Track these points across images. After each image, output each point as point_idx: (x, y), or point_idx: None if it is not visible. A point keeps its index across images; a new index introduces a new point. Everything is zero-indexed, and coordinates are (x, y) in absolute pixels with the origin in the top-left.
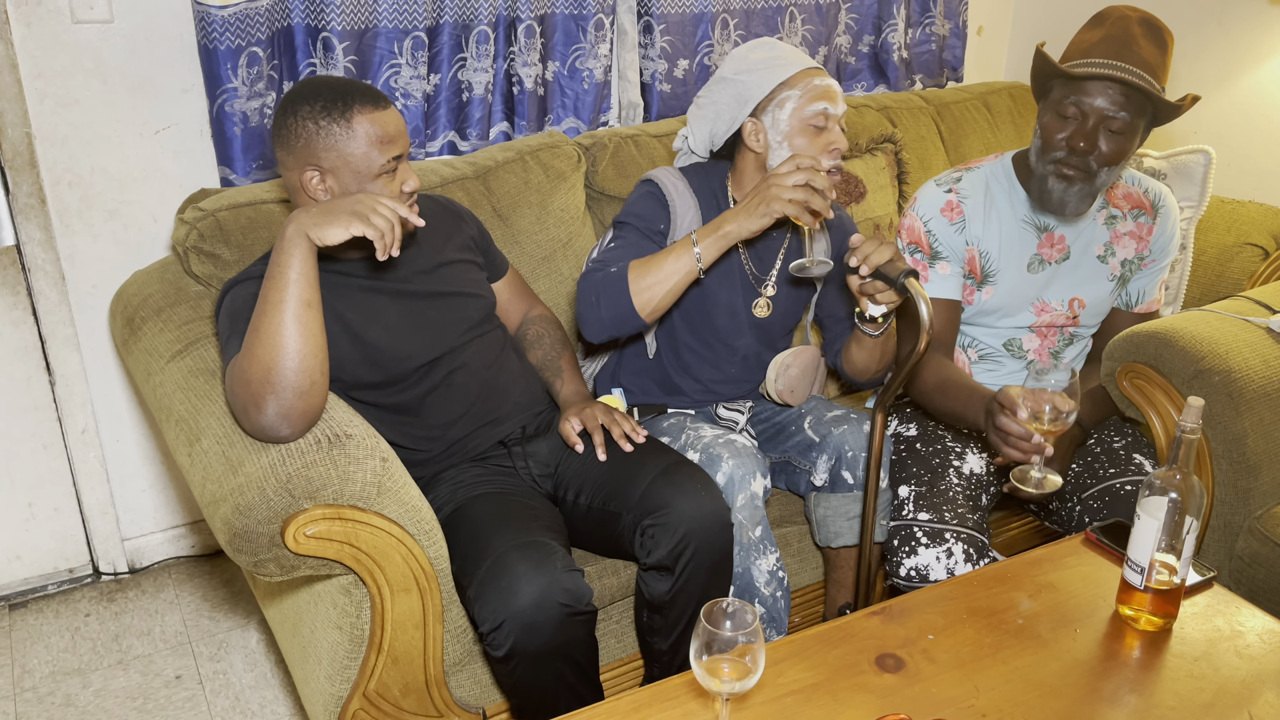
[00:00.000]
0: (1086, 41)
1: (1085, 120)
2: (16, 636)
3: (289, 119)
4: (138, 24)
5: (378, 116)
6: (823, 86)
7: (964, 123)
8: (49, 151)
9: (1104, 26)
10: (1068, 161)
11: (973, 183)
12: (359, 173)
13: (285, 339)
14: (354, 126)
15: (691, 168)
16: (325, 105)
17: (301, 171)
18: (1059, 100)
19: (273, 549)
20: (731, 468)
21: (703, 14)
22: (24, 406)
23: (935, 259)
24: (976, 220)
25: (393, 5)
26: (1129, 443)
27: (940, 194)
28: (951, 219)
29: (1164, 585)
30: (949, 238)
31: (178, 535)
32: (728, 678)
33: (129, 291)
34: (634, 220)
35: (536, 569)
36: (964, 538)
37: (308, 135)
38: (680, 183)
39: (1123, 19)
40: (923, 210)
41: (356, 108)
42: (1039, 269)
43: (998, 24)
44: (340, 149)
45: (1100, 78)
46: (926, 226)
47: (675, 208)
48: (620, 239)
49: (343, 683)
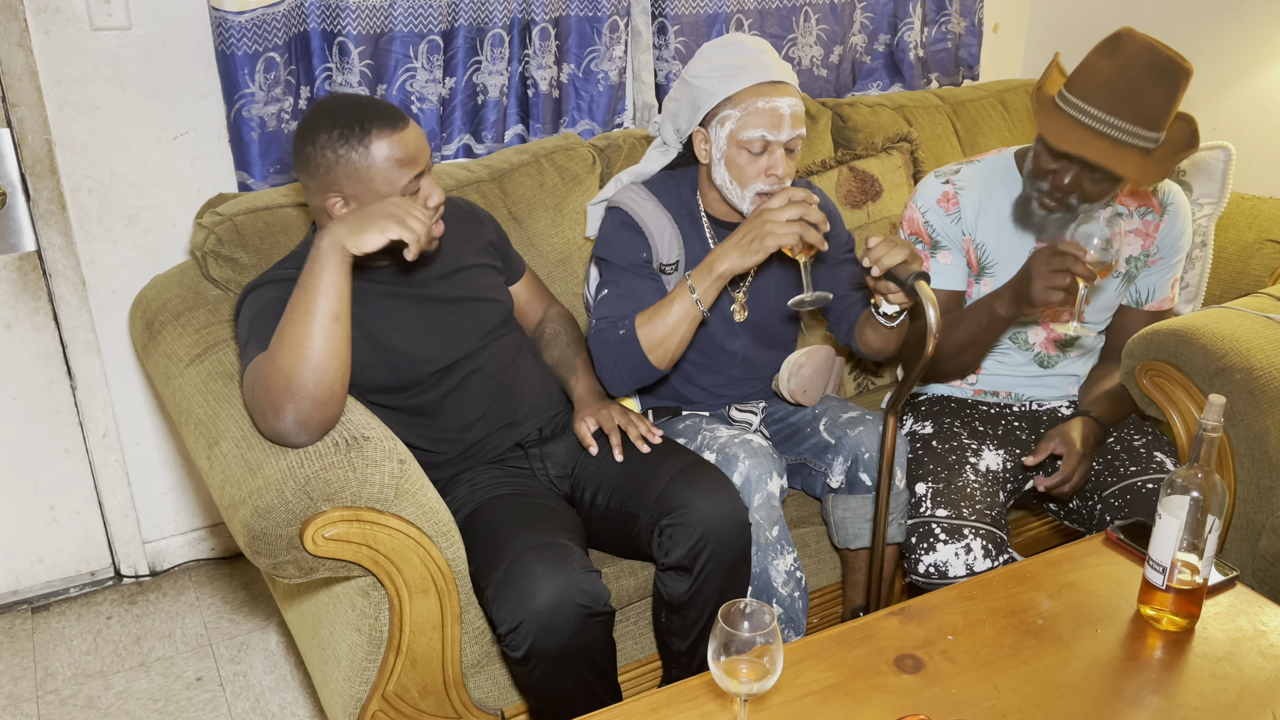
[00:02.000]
0: (1094, 76)
1: (1071, 166)
2: (39, 639)
3: (307, 147)
4: (155, 31)
5: (396, 139)
6: (766, 110)
7: (980, 121)
8: (69, 158)
9: (1115, 62)
10: (1051, 195)
11: (972, 175)
12: (382, 195)
13: (309, 350)
14: (372, 152)
15: (658, 179)
16: (342, 133)
17: (325, 197)
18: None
19: (291, 551)
20: (748, 468)
21: (717, 14)
22: (46, 410)
23: (936, 249)
24: (971, 212)
25: (408, 9)
26: (1149, 441)
27: (937, 185)
28: (947, 209)
29: (1186, 585)
30: (946, 228)
31: (198, 538)
32: (746, 679)
33: (148, 296)
34: (616, 259)
35: (554, 570)
36: (982, 533)
37: (327, 164)
38: (649, 203)
39: (1132, 62)
40: (920, 201)
41: (374, 132)
42: None
43: (1014, 21)
44: (361, 175)
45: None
46: (925, 217)
47: (650, 231)
48: (612, 284)
49: (362, 684)
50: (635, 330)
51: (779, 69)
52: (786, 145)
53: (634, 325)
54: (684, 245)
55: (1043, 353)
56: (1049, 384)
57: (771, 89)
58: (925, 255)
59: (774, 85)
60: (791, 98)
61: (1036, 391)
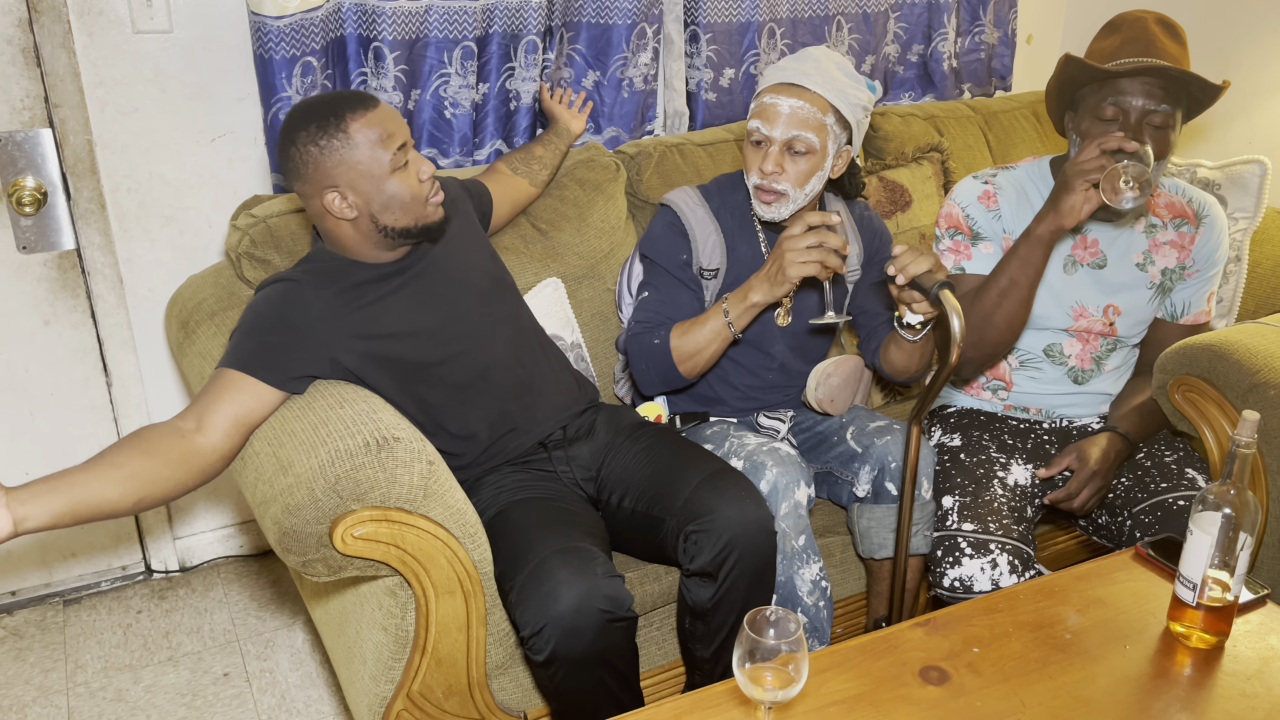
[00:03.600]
0: (1106, 48)
1: (1127, 118)
2: (70, 632)
3: (291, 150)
4: (196, 34)
5: (370, 118)
6: (765, 105)
7: (1012, 132)
8: (109, 158)
9: (1121, 31)
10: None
11: (1008, 179)
12: (374, 176)
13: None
14: (352, 135)
15: (716, 184)
16: (319, 125)
17: (321, 195)
18: (1096, 104)
19: (320, 549)
20: (775, 475)
21: (749, 23)
22: (81, 406)
23: (977, 239)
24: (1009, 212)
25: (443, 16)
26: (1181, 457)
27: (977, 184)
28: (988, 206)
29: (1217, 602)
30: (987, 222)
31: (227, 535)
32: (770, 686)
33: (184, 295)
34: (659, 258)
35: (577, 574)
36: (1009, 549)
37: (314, 160)
38: (700, 208)
39: (1138, 20)
40: (960, 198)
41: (348, 117)
42: (1074, 270)
43: (1047, 33)
44: (348, 161)
45: (1138, 71)
46: (965, 211)
47: (695, 235)
48: (652, 287)
49: (387, 683)
50: (669, 341)
51: (810, 73)
52: (787, 144)
53: (669, 337)
54: (728, 253)
55: (1078, 366)
56: (1081, 402)
57: (784, 89)
58: (965, 246)
59: (787, 86)
60: (797, 99)
61: (1069, 409)
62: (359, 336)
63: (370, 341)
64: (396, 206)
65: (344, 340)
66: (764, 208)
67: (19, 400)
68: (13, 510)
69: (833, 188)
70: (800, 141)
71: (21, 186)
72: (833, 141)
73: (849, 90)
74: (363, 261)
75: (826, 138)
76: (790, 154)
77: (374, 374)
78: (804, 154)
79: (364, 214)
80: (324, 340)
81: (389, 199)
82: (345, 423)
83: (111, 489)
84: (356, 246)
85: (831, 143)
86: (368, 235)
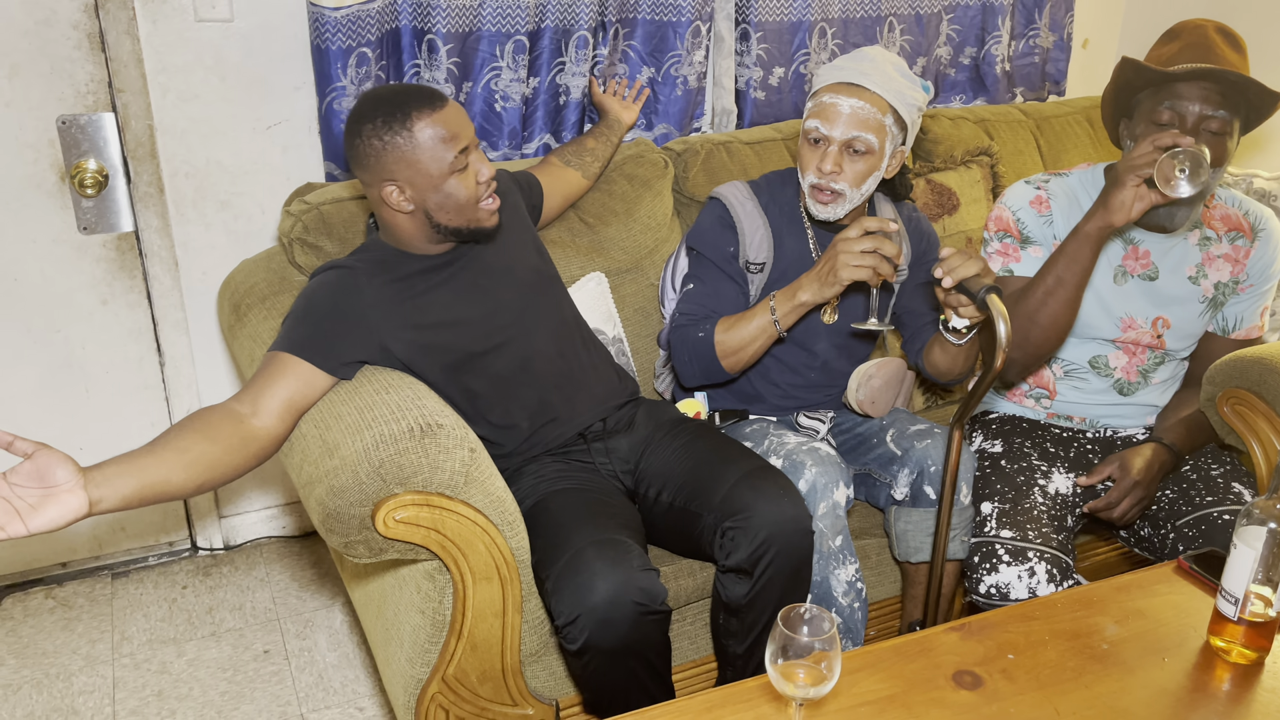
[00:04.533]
0: (1165, 54)
1: (1183, 122)
2: (117, 604)
3: (356, 140)
4: (255, 24)
5: (437, 117)
6: (825, 105)
7: (1064, 137)
8: (169, 143)
9: (1180, 38)
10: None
11: (1061, 186)
12: (432, 176)
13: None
14: (416, 134)
15: (765, 180)
16: (385, 119)
17: (380, 187)
18: (1152, 109)
19: (363, 531)
20: (814, 475)
21: (800, 22)
22: (135, 385)
23: (1026, 243)
24: (1061, 218)
25: (496, 9)
26: (1227, 471)
27: (1029, 189)
28: (1040, 211)
29: (1259, 617)
30: (1038, 227)
31: (271, 515)
32: (803, 683)
33: (237, 279)
34: (706, 250)
35: (613, 566)
36: (1047, 557)
37: (376, 153)
38: (749, 202)
39: (1198, 28)
40: (1011, 202)
41: (415, 114)
42: (1124, 280)
43: (1104, 37)
44: (409, 158)
45: (1196, 74)
46: (1016, 215)
47: (743, 228)
48: (698, 280)
49: (423, 665)
50: (714, 335)
51: (869, 73)
52: (847, 144)
53: (714, 330)
54: (775, 248)
55: (1123, 379)
56: (1126, 413)
57: (844, 89)
58: (1015, 249)
59: (847, 86)
60: (857, 99)
61: (1113, 420)
62: (408, 326)
63: (418, 331)
64: (451, 206)
65: (394, 329)
66: (820, 207)
67: (76, 377)
68: (89, 492)
69: (883, 188)
70: (860, 141)
71: (84, 169)
72: (890, 142)
73: (906, 91)
74: (414, 253)
75: (885, 138)
76: (849, 154)
77: (421, 362)
78: (863, 154)
79: (419, 209)
80: (375, 328)
81: (445, 198)
82: (391, 408)
83: (177, 474)
84: (409, 238)
85: (889, 143)
86: (421, 229)
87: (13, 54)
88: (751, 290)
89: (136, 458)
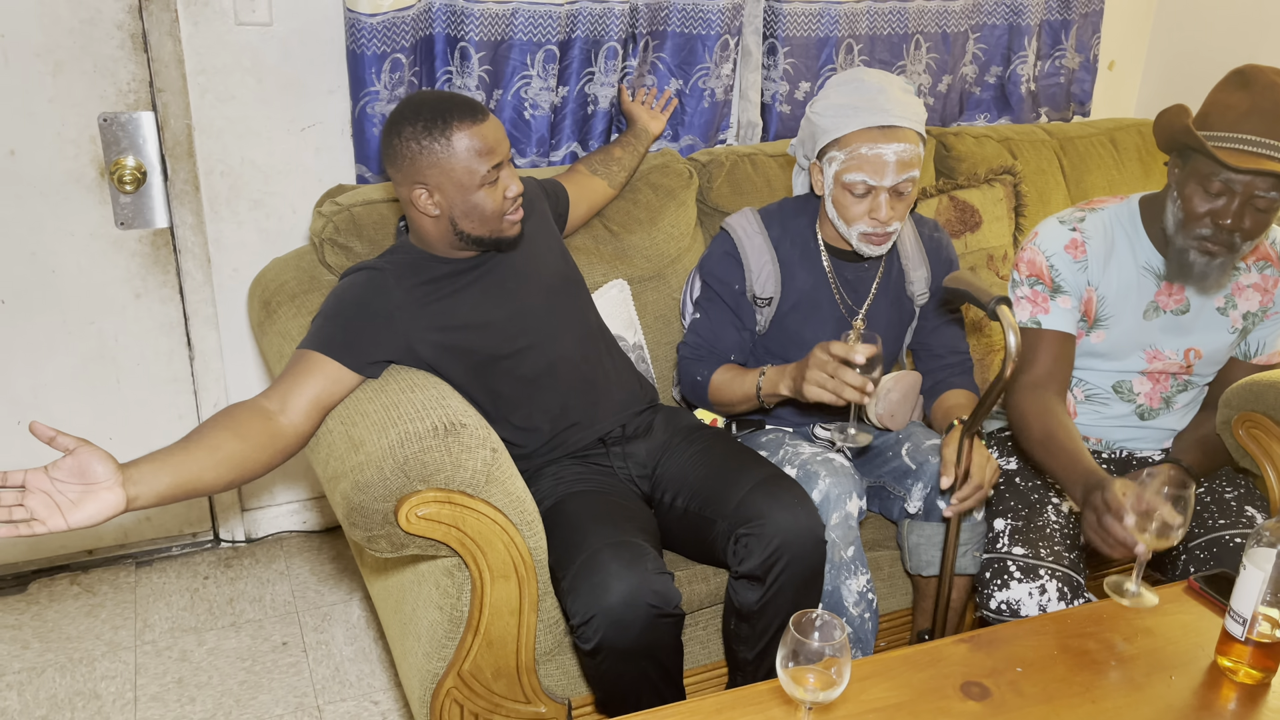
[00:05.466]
0: (1233, 109)
1: (1232, 199)
2: (141, 592)
3: (394, 140)
4: (293, 28)
5: (476, 130)
6: (870, 156)
7: (1088, 158)
8: (205, 142)
9: (1251, 93)
10: (1214, 239)
11: (1096, 224)
12: (463, 185)
13: None
14: (453, 143)
15: (779, 208)
16: (426, 125)
17: (410, 188)
18: (1205, 175)
19: (385, 526)
20: (828, 486)
21: (827, 38)
22: (164, 378)
23: (1056, 293)
24: (1098, 262)
25: (528, 19)
26: (1241, 494)
27: (1065, 231)
28: (1076, 257)
29: (1266, 638)
30: (1072, 275)
31: (292, 510)
32: (812, 687)
33: (267, 277)
34: (714, 283)
35: (628, 568)
36: (1059, 575)
37: (411, 155)
38: (759, 236)
39: (1271, 87)
40: (1046, 245)
41: (455, 124)
42: (1154, 316)
43: (1131, 59)
44: (443, 165)
45: (1257, 172)
46: (1050, 261)
47: (749, 263)
48: (704, 311)
49: (439, 660)
50: (710, 381)
51: (895, 110)
52: (894, 189)
53: (710, 378)
54: (784, 281)
55: (1145, 405)
56: (1144, 436)
57: (880, 134)
58: (1044, 297)
59: (884, 130)
60: (901, 143)
61: (1131, 443)
62: (434, 328)
63: (444, 333)
64: (476, 216)
65: (420, 330)
66: (873, 248)
67: (108, 369)
68: (126, 489)
69: None
70: (908, 183)
71: (123, 165)
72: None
73: (919, 110)
74: (442, 256)
75: (920, 165)
76: (896, 196)
77: (446, 363)
78: (908, 192)
79: (445, 215)
80: (402, 329)
81: (471, 208)
82: (415, 407)
83: (209, 472)
84: (435, 241)
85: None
86: (445, 234)
87: (57, 51)
88: (760, 320)
89: (171, 455)
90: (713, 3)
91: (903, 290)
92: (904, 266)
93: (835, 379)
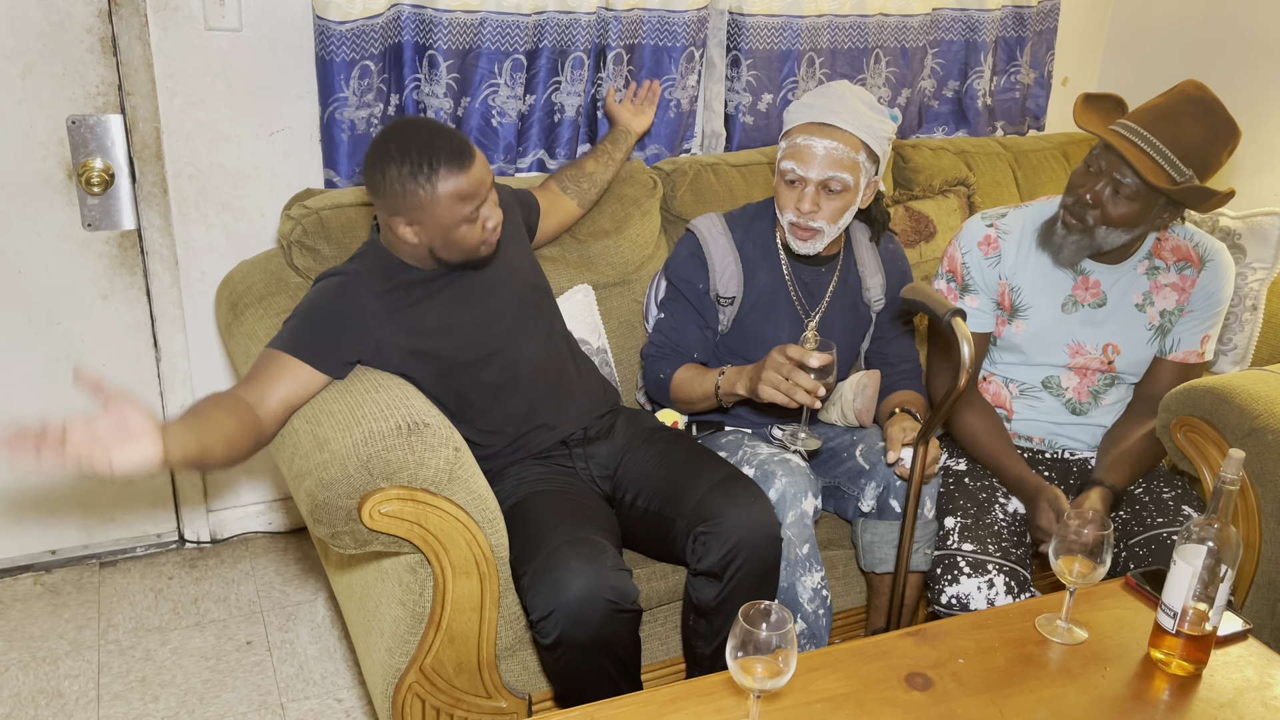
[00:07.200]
0: (1149, 107)
1: (1099, 178)
2: (104, 592)
3: (378, 176)
4: (263, 34)
5: (460, 178)
6: (800, 146)
7: (1040, 171)
8: (174, 146)
9: (1169, 95)
10: (1073, 210)
11: (1016, 220)
12: (445, 225)
13: None
14: (437, 189)
15: (743, 212)
16: (412, 170)
17: (392, 218)
18: (1091, 154)
19: (349, 523)
20: (784, 485)
21: (790, 51)
22: (130, 379)
23: (965, 291)
24: (1010, 256)
25: (496, 28)
26: (1179, 494)
27: (981, 227)
28: (986, 253)
29: (1196, 631)
30: (981, 272)
31: (258, 511)
32: (760, 676)
33: (235, 279)
34: (679, 284)
35: (587, 565)
36: (1006, 570)
37: (395, 194)
38: (723, 237)
39: (1180, 93)
40: (964, 241)
41: (441, 172)
42: (1073, 310)
43: (1084, 76)
44: (426, 207)
45: (1115, 152)
46: (964, 259)
47: (714, 264)
48: (669, 311)
49: (401, 656)
50: (672, 379)
51: (844, 115)
52: (823, 184)
53: (672, 375)
54: (746, 281)
55: (1075, 399)
56: (1078, 433)
57: (817, 129)
58: (954, 294)
59: (821, 127)
60: (835, 141)
61: (1068, 441)
62: (404, 332)
63: (414, 337)
64: (455, 248)
65: (391, 334)
66: (800, 244)
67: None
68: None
69: (860, 217)
70: (835, 181)
71: (91, 167)
72: (864, 176)
73: (875, 124)
74: (413, 265)
75: (859, 174)
76: (825, 192)
77: (415, 368)
78: (839, 192)
79: (424, 244)
80: (373, 332)
81: (450, 242)
82: (380, 406)
83: (219, 445)
84: (409, 258)
85: (863, 178)
86: (422, 257)
87: (27, 54)
88: (722, 320)
89: (187, 424)
90: (679, 15)
91: (859, 296)
92: (860, 273)
93: (789, 381)
